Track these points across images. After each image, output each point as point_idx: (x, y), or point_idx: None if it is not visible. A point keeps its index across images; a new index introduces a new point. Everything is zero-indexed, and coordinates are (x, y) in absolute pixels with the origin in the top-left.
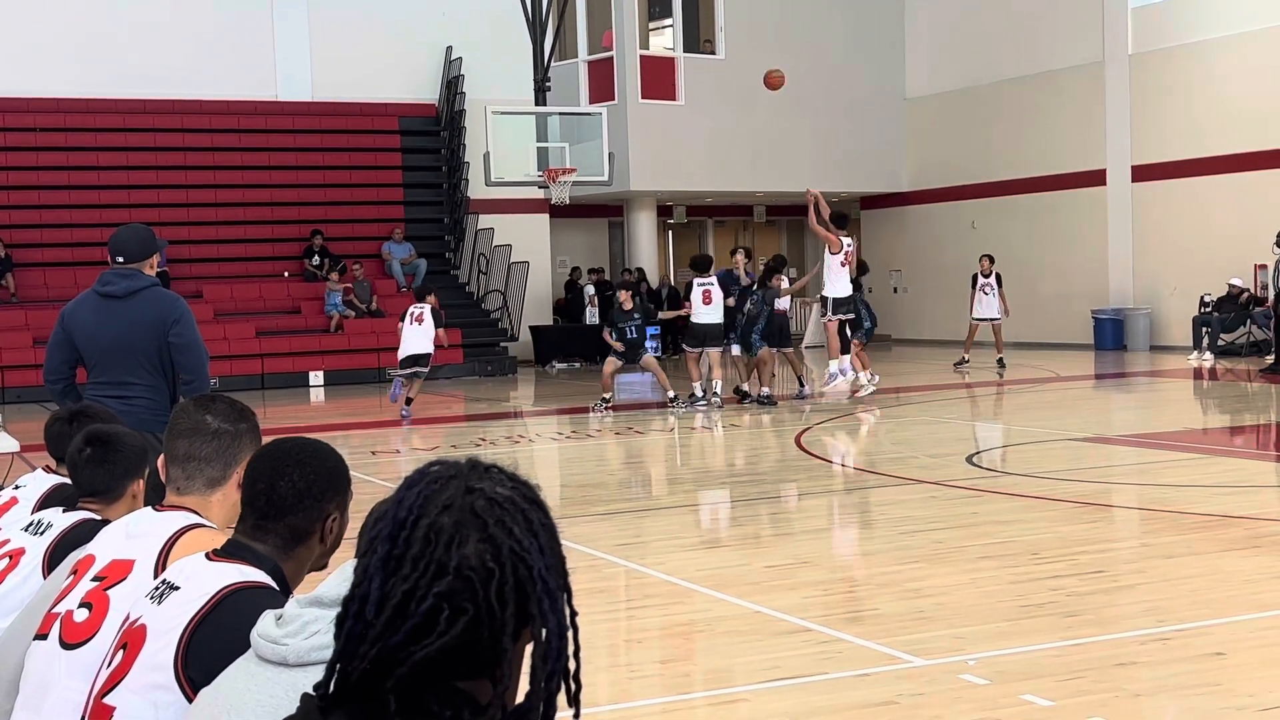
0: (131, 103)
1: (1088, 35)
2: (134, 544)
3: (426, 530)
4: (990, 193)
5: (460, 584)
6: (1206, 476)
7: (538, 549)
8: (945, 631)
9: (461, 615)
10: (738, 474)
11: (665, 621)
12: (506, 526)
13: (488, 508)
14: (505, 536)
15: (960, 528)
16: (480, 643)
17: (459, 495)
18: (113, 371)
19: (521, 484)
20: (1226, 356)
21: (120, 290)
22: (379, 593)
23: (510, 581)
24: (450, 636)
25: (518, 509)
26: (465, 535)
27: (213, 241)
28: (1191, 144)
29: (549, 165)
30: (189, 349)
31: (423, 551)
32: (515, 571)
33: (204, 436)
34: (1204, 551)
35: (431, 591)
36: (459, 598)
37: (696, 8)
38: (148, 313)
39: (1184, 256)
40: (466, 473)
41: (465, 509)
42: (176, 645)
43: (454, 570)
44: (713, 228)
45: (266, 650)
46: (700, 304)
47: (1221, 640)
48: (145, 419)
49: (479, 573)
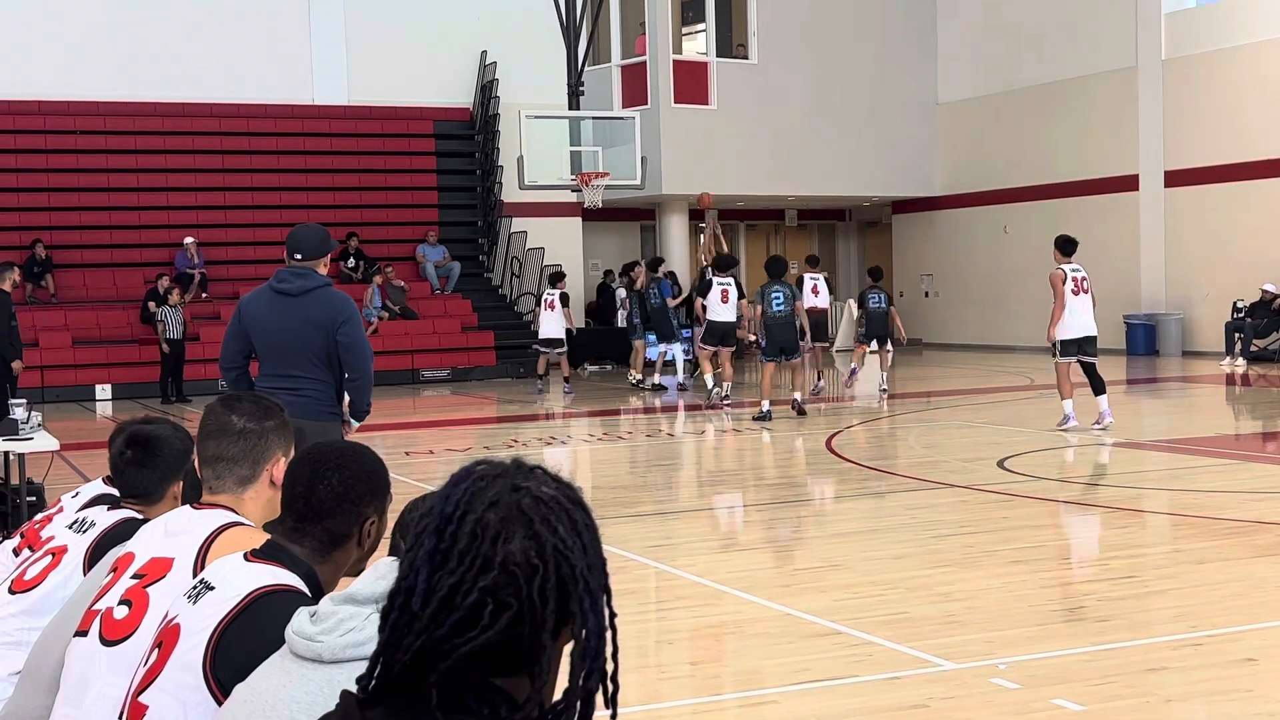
0: (170, 106)
1: (1121, 40)
2: (173, 542)
3: (473, 525)
4: (1022, 197)
5: (505, 579)
6: (1238, 482)
7: (580, 548)
8: (976, 635)
9: (505, 610)
10: (768, 477)
11: (695, 623)
12: (551, 525)
13: (534, 506)
14: (550, 534)
15: (991, 532)
16: (521, 639)
17: (505, 492)
18: (283, 365)
19: (565, 485)
20: (1259, 362)
21: (294, 288)
22: (425, 585)
23: (553, 579)
24: (494, 631)
25: (562, 509)
26: (511, 531)
27: (250, 244)
28: (1224, 149)
29: (582, 169)
30: (354, 348)
31: (469, 546)
32: (558, 569)
33: (231, 437)
34: (1235, 557)
35: (477, 586)
36: (504, 592)
37: (729, 12)
38: (318, 311)
39: (1216, 262)
40: (512, 472)
41: (512, 506)
42: (206, 646)
43: (499, 565)
44: (744, 231)
45: (301, 647)
46: (718, 302)
47: (1253, 646)
48: (313, 410)
49: (524, 569)
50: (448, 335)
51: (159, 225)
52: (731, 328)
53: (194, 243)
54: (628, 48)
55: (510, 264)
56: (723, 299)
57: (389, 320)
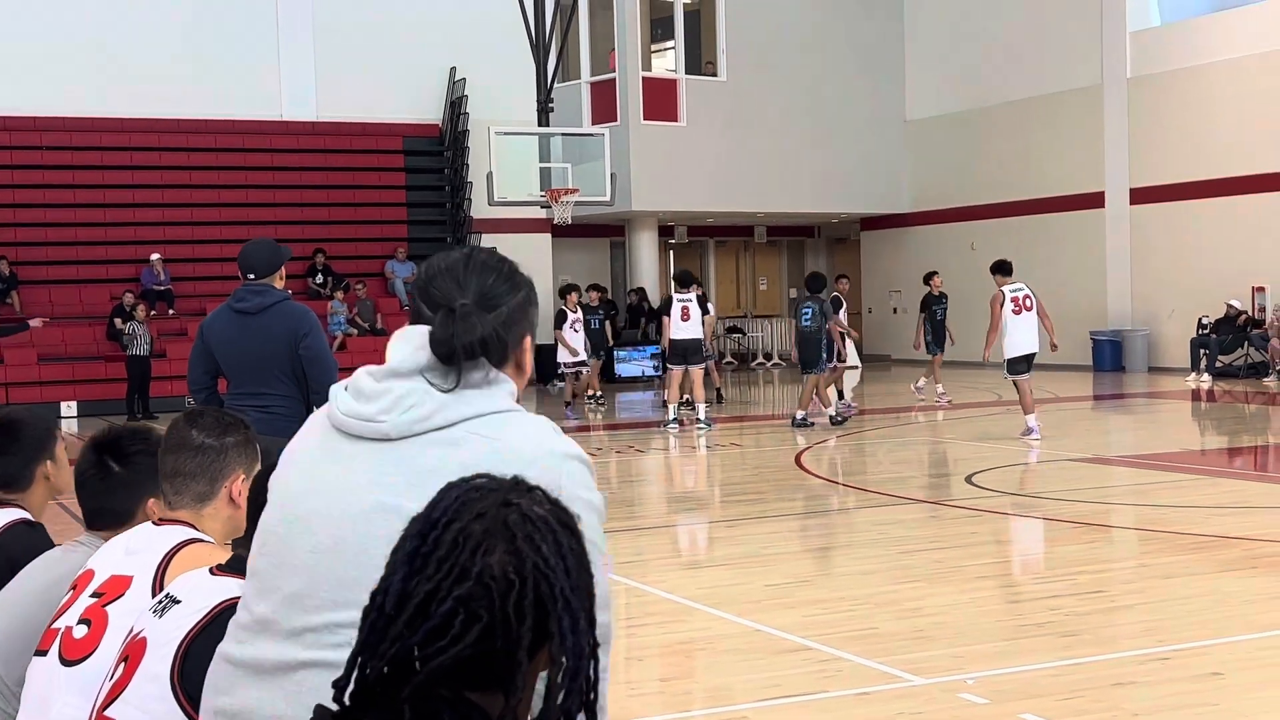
0: (137, 121)
1: (1087, 59)
2: (133, 560)
3: (456, 534)
4: (989, 214)
5: (480, 590)
6: (1204, 497)
7: (564, 570)
8: (944, 650)
9: (476, 622)
10: (738, 493)
11: (666, 639)
12: (535, 543)
13: (520, 522)
14: (532, 552)
15: (959, 547)
16: (494, 654)
17: (495, 506)
18: (250, 383)
19: (561, 508)
20: (1224, 378)
21: (253, 306)
22: (400, 587)
23: (530, 596)
24: (464, 644)
25: (550, 529)
26: (493, 544)
27: (217, 260)
28: (1189, 167)
29: (551, 185)
30: (317, 360)
31: (449, 554)
32: (537, 587)
33: (188, 452)
34: (1202, 572)
35: (452, 594)
36: (476, 604)
37: (698, 30)
38: (279, 326)
39: (1182, 278)
40: (508, 488)
41: (498, 520)
42: (173, 657)
43: (475, 576)
44: (714, 248)
45: (360, 428)
46: (678, 320)
47: (1219, 660)
48: (282, 426)
49: (499, 583)
50: None
51: (125, 241)
52: (694, 344)
53: (160, 259)
54: (597, 64)
55: None
56: (683, 316)
57: (358, 337)
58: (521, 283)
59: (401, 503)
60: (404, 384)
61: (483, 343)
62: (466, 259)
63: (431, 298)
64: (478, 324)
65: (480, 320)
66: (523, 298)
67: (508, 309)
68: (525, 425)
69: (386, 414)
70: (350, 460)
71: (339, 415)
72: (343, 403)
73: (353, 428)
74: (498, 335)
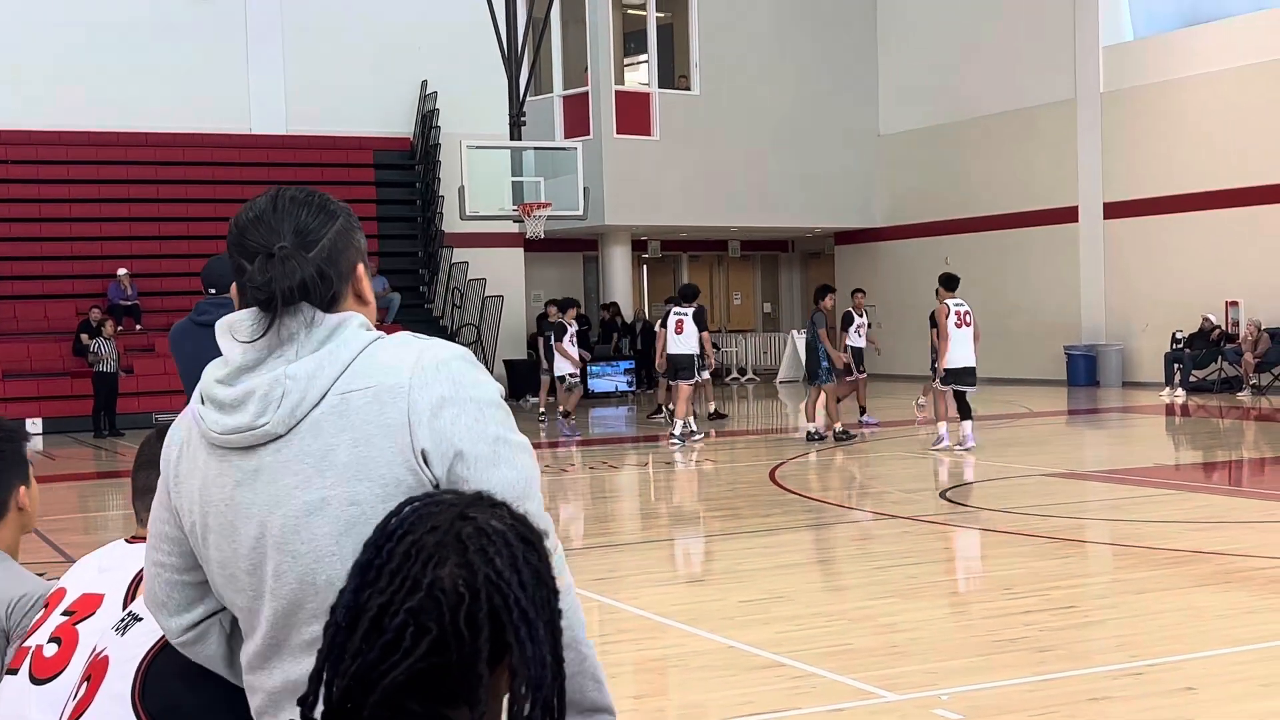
0: (104, 135)
1: (1060, 73)
2: (105, 578)
3: (409, 546)
4: (963, 229)
5: (430, 603)
6: (1178, 512)
7: (519, 582)
8: (918, 666)
9: (426, 634)
10: (712, 508)
11: (639, 656)
12: (488, 556)
13: (474, 535)
14: (484, 565)
15: (933, 563)
16: (451, 667)
17: (451, 520)
18: None
19: (523, 523)
20: (1198, 393)
21: (213, 320)
22: (351, 600)
23: (484, 609)
24: (416, 657)
25: (505, 542)
26: (444, 557)
27: (186, 275)
28: (1163, 181)
29: (524, 199)
30: None
31: (400, 566)
32: (490, 600)
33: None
34: (1175, 587)
35: (403, 607)
36: (425, 616)
37: (671, 44)
38: None
39: (1156, 293)
40: (467, 502)
41: (451, 533)
42: (134, 676)
43: (426, 588)
44: (687, 262)
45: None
46: (672, 333)
47: (1193, 675)
48: None
49: (449, 596)
50: None
51: (92, 256)
52: (684, 360)
53: (127, 274)
54: (569, 78)
55: (451, 295)
56: (676, 329)
57: None
58: (337, 210)
59: (324, 494)
60: (261, 378)
61: (302, 286)
62: (273, 201)
63: (248, 250)
64: (297, 266)
65: (300, 261)
66: (341, 225)
67: (328, 242)
68: (388, 354)
69: (263, 416)
70: (255, 475)
71: (214, 435)
72: (213, 421)
73: (235, 443)
74: (320, 274)
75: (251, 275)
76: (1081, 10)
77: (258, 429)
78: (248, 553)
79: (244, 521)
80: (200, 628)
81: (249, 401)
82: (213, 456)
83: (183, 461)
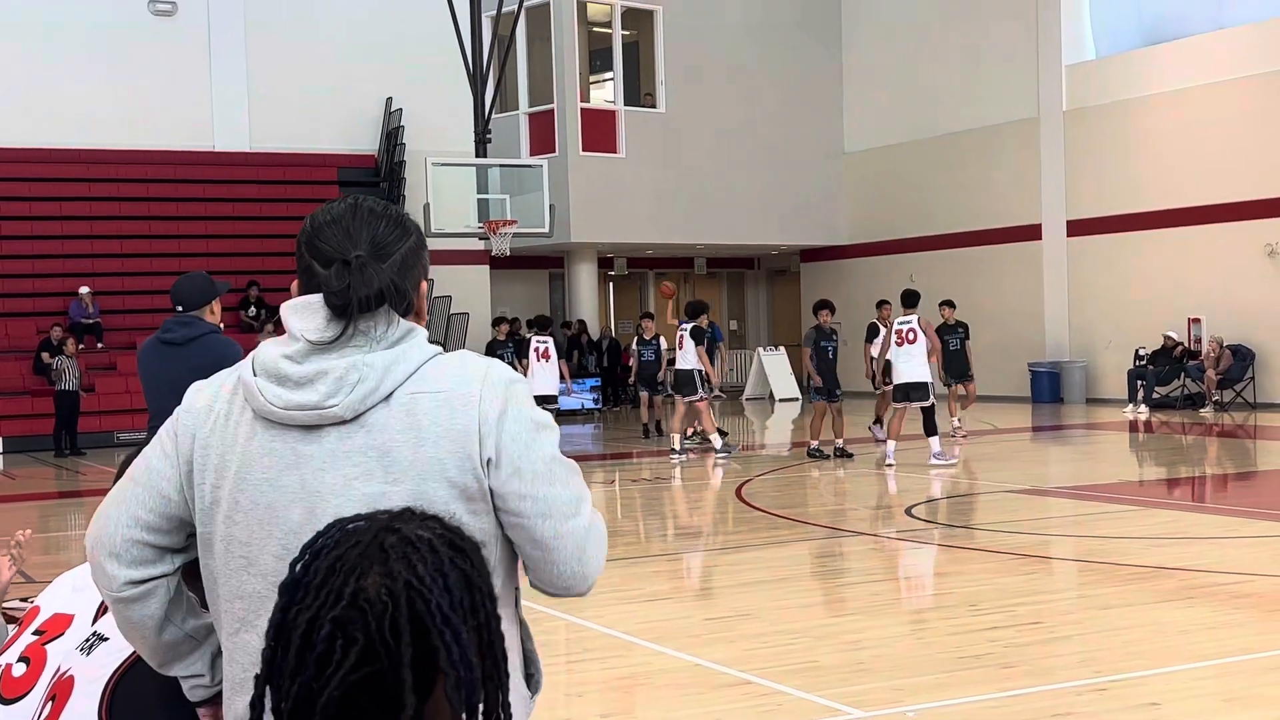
0: (66, 152)
1: (1023, 91)
2: (77, 598)
3: (333, 561)
4: (927, 246)
5: (355, 613)
6: (1142, 528)
7: (442, 586)
8: (885, 683)
9: (353, 645)
10: (678, 526)
11: (606, 675)
12: (410, 563)
13: (397, 545)
14: (405, 570)
15: (899, 579)
16: (383, 675)
17: (375, 532)
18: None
19: (451, 531)
20: (1161, 409)
21: (179, 337)
22: (279, 618)
23: (405, 614)
24: (346, 668)
25: (431, 549)
26: (367, 568)
27: (148, 292)
28: (1125, 199)
29: (489, 217)
30: None
31: (325, 581)
32: (411, 605)
33: None
34: (1139, 603)
35: (328, 618)
36: (352, 627)
37: (637, 61)
38: (204, 359)
39: (1119, 310)
40: (396, 515)
41: (374, 544)
42: (101, 696)
43: (349, 598)
44: (653, 280)
45: (311, 418)
46: (677, 349)
47: (1156, 691)
48: None
49: (374, 605)
50: None
51: (53, 274)
52: (686, 376)
53: (89, 292)
54: (535, 95)
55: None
56: (679, 345)
57: None
58: (411, 228)
59: (385, 488)
60: (338, 360)
61: (379, 294)
62: (353, 209)
63: (321, 252)
64: (375, 275)
65: (376, 271)
66: (414, 242)
67: (401, 256)
68: (457, 365)
69: (334, 397)
70: (310, 460)
71: (273, 409)
72: (274, 395)
73: (298, 419)
74: (395, 285)
75: (328, 280)
76: (1044, 29)
77: (325, 409)
78: (283, 536)
79: (288, 505)
80: (147, 586)
81: (320, 381)
82: (264, 433)
83: (215, 432)
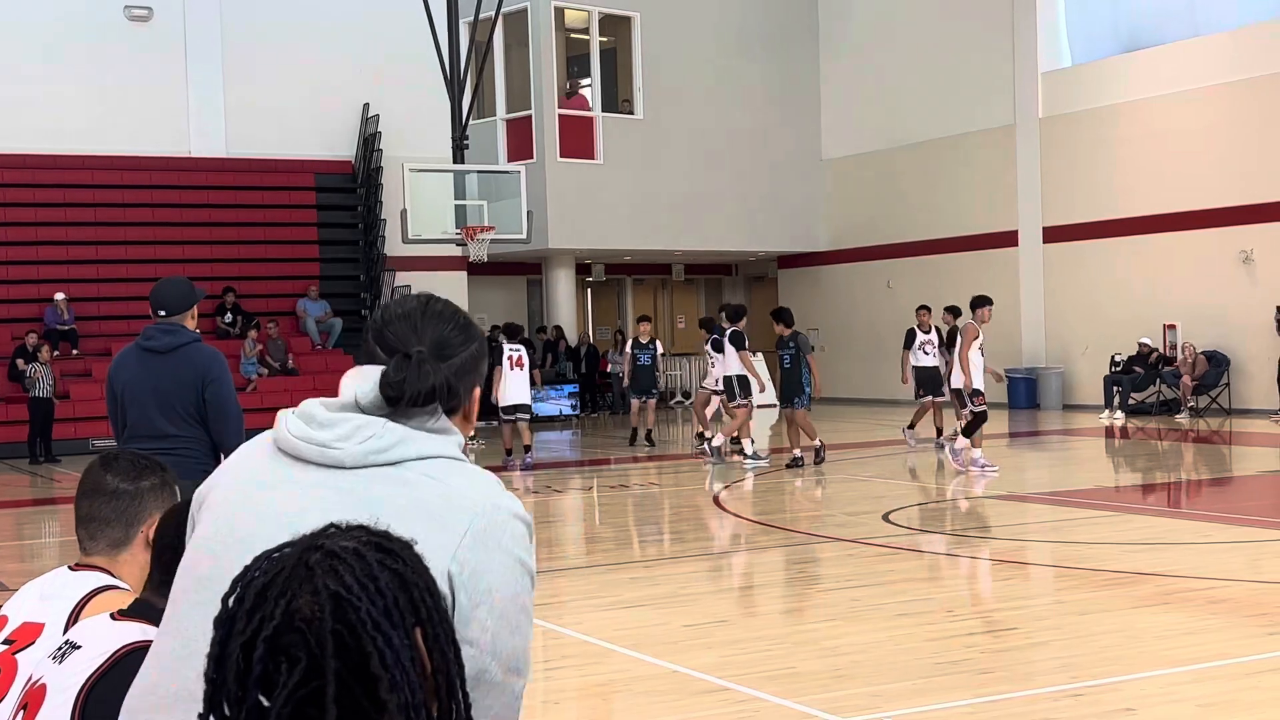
0: (40, 158)
1: (999, 99)
2: (46, 606)
3: (261, 588)
4: (905, 253)
5: (294, 635)
6: (1118, 534)
7: (373, 591)
8: (862, 689)
9: (296, 664)
10: (655, 532)
11: (583, 682)
12: (338, 574)
13: (321, 560)
14: (333, 582)
15: (877, 585)
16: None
17: (300, 552)
18: (155, 424)
19: (378, 535)
20: (1137, 415)
21: (162, 345)
22: (218, 650)
23: (330, 626)
24: (290, 688)
25: (357, 556)
26: (297, 589)
27: (124, 299)
28: (1101, 205)
29: (467, 223)
30: (220, 410)
31: (256, 606)
32: (342, 616)
33: (103, 497)
34: (1116, 608)
35: (260, 638)
36: (294, 649)
37: (615, 68)
38: (187, 368)
39: (1095, 316)
40: (318, 533)
41: (300, 564)
42: (73, 704)
43: (283, 619)
44: (631, 286)
45: (312, 453)
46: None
47: (1132, 696)
48: (188, 469)
49: (309, 622)
50: (329, 392)
51: (28, 280)
52: (727, 382)
53: (64, 298)
54: (513, 101)
55: None
56: (713, 351)
57: (269, 377)
58: (475, 334)
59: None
60: (362, 417)
61: (433, 391)
62: (423, 307)
63: (387, 343)
64: (431, 372)
65: (434, 369)
66: (476, 349)
67: (460, 360)
68: (474, 476)
69: (343, 441)
70: (295, 485)
71: (289, 437)
72: (294, 425)
73: (304, 451)
74: (449, 385)
75: (386, 372)
76: (1020, 37)
77: (330, 449)
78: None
79: (267, 521)
80: None
81: (338, 426)
82: (271, 461)
83: (241, 464)
